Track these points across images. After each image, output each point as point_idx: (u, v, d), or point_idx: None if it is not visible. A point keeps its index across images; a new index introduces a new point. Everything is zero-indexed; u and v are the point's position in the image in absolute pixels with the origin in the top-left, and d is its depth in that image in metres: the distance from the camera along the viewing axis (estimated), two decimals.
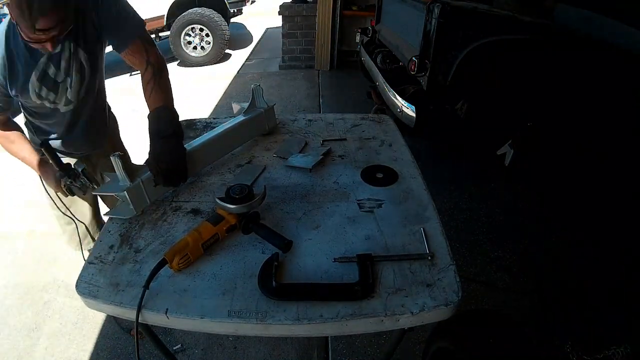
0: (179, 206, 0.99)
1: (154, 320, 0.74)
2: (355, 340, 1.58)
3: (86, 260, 0.84)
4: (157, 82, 1.12)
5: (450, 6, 2.01)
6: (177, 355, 1.56)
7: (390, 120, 1.40)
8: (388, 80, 2.59)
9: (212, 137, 1.13)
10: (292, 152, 1.18)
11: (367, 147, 1.22)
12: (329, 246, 0.84)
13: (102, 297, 0.75)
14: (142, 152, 1.05)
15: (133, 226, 0.93)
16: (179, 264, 0.76)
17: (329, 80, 4.57)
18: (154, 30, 5.23)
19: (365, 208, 0.95)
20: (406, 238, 0.85)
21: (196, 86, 4.68)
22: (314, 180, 1.07)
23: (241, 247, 0.85)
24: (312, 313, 0.70)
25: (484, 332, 1.00)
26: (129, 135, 1.74)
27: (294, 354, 1.57)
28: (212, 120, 1.44)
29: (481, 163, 2.78)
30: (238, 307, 0.72)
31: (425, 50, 2.13)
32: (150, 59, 1.14)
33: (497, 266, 1.95)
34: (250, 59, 5.56)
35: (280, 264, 0.80)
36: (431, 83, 2.17)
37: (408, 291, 0.73)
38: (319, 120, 1.40)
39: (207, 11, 5.03)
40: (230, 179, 1.08)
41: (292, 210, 0.95)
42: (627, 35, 1.93)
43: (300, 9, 4.61)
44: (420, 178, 1.06)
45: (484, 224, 2.24)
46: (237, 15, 6.41)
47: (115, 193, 0.92)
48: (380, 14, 3.22)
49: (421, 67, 2.17)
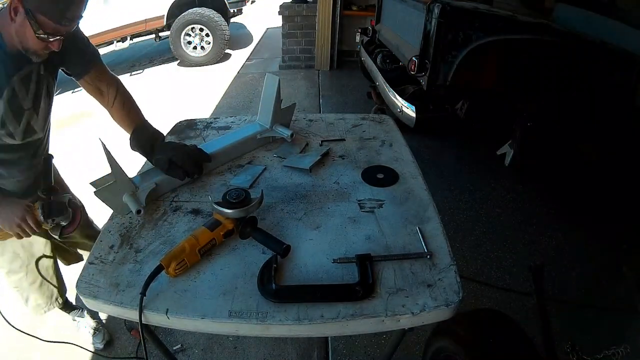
0: (179, 206, 0.98)
1: (154, 320, 0.74)
2: (355, 340, 1.58)
3: (87, 261, 0.84)
4: (130, 97, 1.16)
5: (450, 6, 2.01)
6: (177, 355, 1.56)
7: (390, 120, 1.40)
8: (388, 80, 2.60)
9: (229, 145, 1.15)
10: (292, 153, 1.18)
11: (367, 147, 1.22)
12: (330, 246, 0.84)
13: (102, 297, 0.75)
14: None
15: (133, 226, 0.92)
16: (175, 269, 0.76)
17: (329, 80, 4.57)
18: (154, 30, 5.23)
19: (366, 208, 0.95)
20: (407, 238, 0.85)
21: (196, 86, 4.68)
22: (315, 180, 1.07)
23: (241, 248, 0.85)
24: (313, 313, 0.70)
25: (484, 332, 1.01)
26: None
27: (294, 354, 1.57)
28: (212, 120, 1.44)
29: (481, 163, 2.78)
30: (238, 307, 0.72)
31: (425, 50, 2.14)
32: (116, 77, 1.16)
33: (497, 266, 1.95)
34: (251, 59, 5.56)
35: (281, 265, 0.79)
36: (431, 83, 2.17)
37: (409, 291, 0.73)
38: (319, 121, 1.40)
39: (207, 11, 5.03)
40: (231, 179, 1.08)
41: (292, 211, 0.95)
42: (627, 35, 1.93)
43: (300, 9, 4.61)
44: (421, 178, 1.06)
45: (484, 224, 2.24)
46: (237, 15, 6.42)
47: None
48: (380, 14, 3.22)
49: (421, 67, 2.17)
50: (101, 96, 1.13)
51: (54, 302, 1.38)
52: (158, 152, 1.02)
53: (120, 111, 1.12)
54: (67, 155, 2.91)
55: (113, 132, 1.19)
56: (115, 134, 1.58)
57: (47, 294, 1.34)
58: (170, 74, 5.22)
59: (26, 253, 1.22)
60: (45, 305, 1.35)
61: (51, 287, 1.34)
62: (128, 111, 1.13)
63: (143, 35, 5.37)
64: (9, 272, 1.23)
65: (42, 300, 1.34)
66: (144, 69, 5.44)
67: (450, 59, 2.10)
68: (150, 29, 5.13)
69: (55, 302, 1.38)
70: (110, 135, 1.56)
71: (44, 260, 1.29)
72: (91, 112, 3.85)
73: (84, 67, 1.09)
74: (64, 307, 1.47)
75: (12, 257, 1.21)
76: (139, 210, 0.89)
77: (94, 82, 1.11)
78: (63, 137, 3.45)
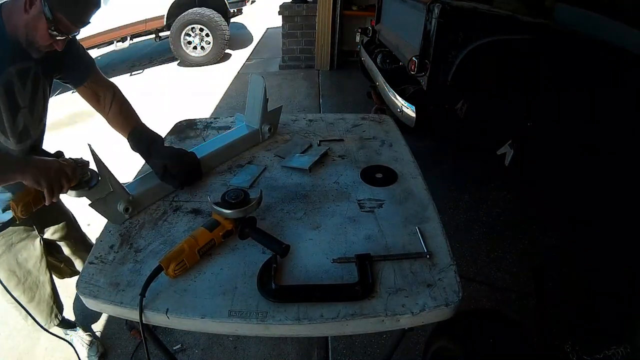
0: (179, 206, 0.98)
1: (154, 320, 0.74)
2: (355, 340, 1.58)
3: (87, 260, 0.84)
4: (127, 101, 1.16)
5: (450, 6, 2.01)
6: (177, 355, 1.56)
7: (390, 121, 1.40)
8: (388, 80, 2.59)
9: (220, 148, 1.15)
10: (293, 153, 1.18)
11: (367, 147, 1.22)
12: (330, 246, 0.84)
13: (102, 297, 0.75)
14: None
15: (133, 226, 0.92)
16: (174, 270, 0.76)
17: (329, 80, 4.57)
18: (154, 30, 5.23)
19: (366, 208, 0.95)
20: (407, 238, 0.85)
21: (196, 86, 4.68)
22: (315, 180, 1.07)
23: (241, 247, 0.85)
24: (313, 313, 0.70)
25: (484, 332, 1.01)
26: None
27: (294, 353, 1.57)
28: (212, 120, 1.44)
29: (481, 163, 2.78)
30: (238, 307, 0.72)
31: (425, 50, 2.13)
32: (111, 82, 1.16)
33: (497, 266, 1.95)
34: (251, 59, 5.56)
35: (281, 265, 0.79)
36: (431, 83, 2.17)
37: (408, 291, 0.73)
38: (319, 120, 1.40)
39: (207, 11, 5.03)
40: (231, 179, 1.08)
41: (292, 210, 0.95)
42: (627, 35, 1.93)
43: (300, 9, 4.61)
44: (421, 178, 1.06)
45: (484, 224, 2.24)
46: (237, 15, 6.42)
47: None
48: (380, 14, 3.22)
49: (421, 67, 2.17)
50: (98, 102, 1.14)
51: (54, 319, 1.37)
52: (155, 156, 1.02)
53: (117, 115, 1.13)
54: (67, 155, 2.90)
55: (112, 133, 1.18)
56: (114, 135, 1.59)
57: (47, 311, 1.32)
58: (170, 74, 5.22)
59: (22, 270, 1.21)
60: (45, 322, 1.33)
61: (50, 304, 1.33)
62: (125, 115, 1.13)
63: (143, 35, 5.37)
64: (6, 290, 1.20)
65: (42, 318, 1.32)
66: (144, 69, 5.44)
67: (450, 59, 2.09)
68: (150, 29, 5.14)
69: (55, 318, 1.36)
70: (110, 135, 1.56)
71: (41, 277, 1.27)
72: (90, 113, 3.84)
73: (82, 74, 1.10)
74: (60, 323, 1.46)
75: (8, 275, 1.19)
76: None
77: (92, 87, 1.12)
78: (63, 137, 3.45)
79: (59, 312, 1.39)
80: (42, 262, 1.25)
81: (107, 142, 2.01)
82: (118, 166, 1.19)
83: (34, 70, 0.99)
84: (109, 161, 0.90)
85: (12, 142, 0.99)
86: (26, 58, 0.96)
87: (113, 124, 1.14)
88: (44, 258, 1.26)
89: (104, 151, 0.95)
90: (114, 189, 0.89)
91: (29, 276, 1.24)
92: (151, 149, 1.04)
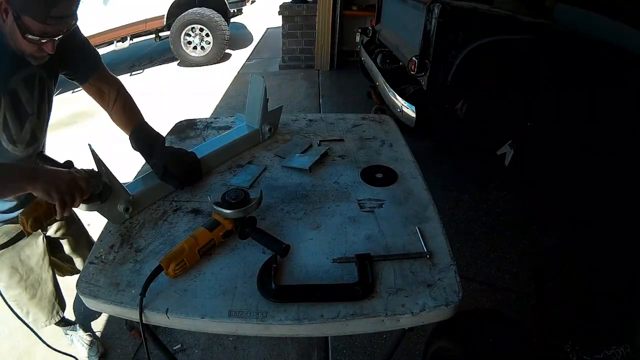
0: (179, 206, 0.98)
1: (154, 320, 0.74)
2: (355, 340, 1.58)
3: (87, 260, 0.84)
4: (131, 98, 1.15)
5: (450, 6, 2.01)
6: (177, 355, 1.56)
7: (390, 121, 1.40)
8: (388, 80, 2.59)
9: (220, 148, 1.15)
10: (293, 153, 1.18)
11: (367, 147, 1.22)
12: (330, 246, 0.84)
13: (102, 296, 0.75)
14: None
15: (133, 226, 0.92)
16: (175, 270, 0.76)
17: (329, 80, 4.57)
18: (154, 30, 5.23)
19: (366, 208, 0.95)
20: (407, 238, 0.85)
21: (196, 86, 4.68)
22: (315, 180, 1.07)
23: (241, 247, 0.85)
24: (313, 313, 0.70)
25: (484, 332, 1.01)
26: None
27: (294, 353, 1.57)
28: (212, 120, 1.44)
29: (481, 163, 2.78)
30: (238, 307, 0.72)
31: (425, 50, 2.13)
32: (116, 78, 1.15)
33: (497, 266, 1.95)
34: (251, 59, 5.56)
35: (281, 265, 0.79)
36: (431, 83, 2.17)
37: (408, 291, 0.73)
38: (319, 120, 1.40)
39: (207, 11, 5.03)
40: (231, 179, 1.08)
41: (292, 210, 0.95)
42: (627, 36, 1.93)
43: (300, 9, 4.61)
44: (421, 178, 1.06)
45: (484, 224, 2.24)
46: (237, 15, 6.42)
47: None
48: (380, 14, 3.22)
49: (421, 67, 2.17)
50: (102, 98, 1.13)
51: (55, 316, 1.36)
52: (155, 155, 1.01)
53: (121, 112, 1.12)
54: (67, 155, 2.91)
55: (113, 133, 1.18)
56: (114, 135, 1.59)
57: (48, 308, 1.32)
58: (170, 74, 5.22)
59: (24, 267, 1.20)
60: (46, 319, 1.33)
61: (52, 301, 1.33)
62: (128, 113, 1.12)
63: (143, 35, 5.37)
64: (8, 287, 1.20)
65: (43, 315, 1.32)
66: (144, 69, 5.44)
67: (450, 59, 2.10)
68: (150, 29, 5.14)
69: (56, 315, 1.36)
70: (110, 135, 1.56)
71: (43, 274, 1.27)
72: (91, 112, 3.85)
73: (87, 70, 1.08)
74: (60, 321, 1.46)
75: (10, 272, 1.18)
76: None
77: (96, 84, 1.11)
78: (63, 137, 3.45)
79: (61, 309, 1.39)
80: (45, 260, 1.25)
81: (107, 142, 2.01)
82: (118, 166, 1.18)
83: (39, 74, 0.98)
84: (109, 161, 0.90)
85: (20, 148, 1.00)
86: (28, 65, 0.93)
87: (116, 121, 1.13)
88: (46, 256, 1.26)
89: (104, 151, 0.95)
90: (114, 189, 0.89)
91: (32, 273, 1.23)
92: (152, 148, 1.03)
